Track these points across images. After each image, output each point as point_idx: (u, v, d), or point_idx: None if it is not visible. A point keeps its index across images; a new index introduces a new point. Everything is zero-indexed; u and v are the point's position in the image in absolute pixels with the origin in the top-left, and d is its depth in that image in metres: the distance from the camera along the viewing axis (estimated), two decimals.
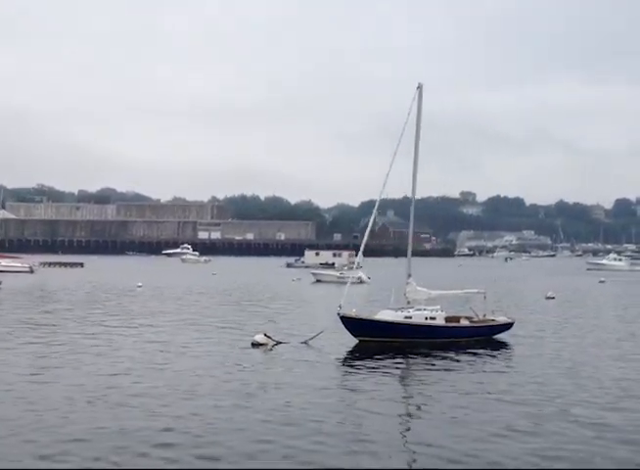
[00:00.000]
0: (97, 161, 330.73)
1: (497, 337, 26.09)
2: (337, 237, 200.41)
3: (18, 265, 73.47)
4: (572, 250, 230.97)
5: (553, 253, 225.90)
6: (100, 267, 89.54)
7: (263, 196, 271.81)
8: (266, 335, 23.68)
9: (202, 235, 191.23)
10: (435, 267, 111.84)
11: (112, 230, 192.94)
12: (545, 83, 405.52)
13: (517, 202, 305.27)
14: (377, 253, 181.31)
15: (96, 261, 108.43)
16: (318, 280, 63.43)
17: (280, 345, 23.38)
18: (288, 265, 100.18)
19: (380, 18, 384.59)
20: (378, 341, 24.08)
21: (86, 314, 32.38)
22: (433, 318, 24.94)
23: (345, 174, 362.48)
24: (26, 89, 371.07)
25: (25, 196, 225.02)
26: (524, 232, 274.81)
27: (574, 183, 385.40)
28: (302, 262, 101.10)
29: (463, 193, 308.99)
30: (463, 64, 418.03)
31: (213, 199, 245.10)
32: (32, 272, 71.84)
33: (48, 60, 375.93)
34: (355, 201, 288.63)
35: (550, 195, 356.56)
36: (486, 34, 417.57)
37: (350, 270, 71.35)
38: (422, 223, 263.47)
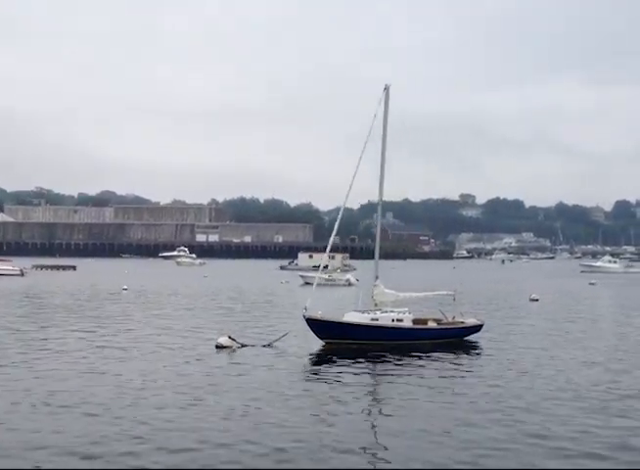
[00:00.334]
0: (97, 163, 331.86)
1: (466, 339, 26.01)
2: (335, 239, 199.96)
3: (8, 269, 73.33)
4: (572, 252, 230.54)
5: (552, 255, 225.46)
6: (93, 270, 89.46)
7: (263, 198, 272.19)
8: (230, 337, 23.59)
9: (199, 238, 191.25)
10: (428, 269, 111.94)
11: (109, 233, 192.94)
12: (545, 84, 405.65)
13: (516, 204, 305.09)
14: (374, 255, 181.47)
15: (90, 264, 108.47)
16: (307, 282, 63.21)
17: (245, 347, 23.29)
18: (281, 268, 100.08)
19: (380, 18, 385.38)
20: (344, 343, 23.99)
21: (58, 317, 32.33)
22: (400, 320, 24.83)
23: (346, 176, 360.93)
24: (26, 91, 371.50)
25: (24, 199, 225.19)
26: (523, 234, 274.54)
27: (574, 185, 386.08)
28: (296, 265, 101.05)
29: (462, 195, 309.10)
30: (463, 64, 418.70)
31: (213, 201, 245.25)
32: (23, 275, 71.86)
33: (48, 60, 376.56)
34: (355, 203, 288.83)
35: (550, 197, 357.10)
36: (486, 34, 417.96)
37: (339, 273, 71.58)
38: (421, 225, 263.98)
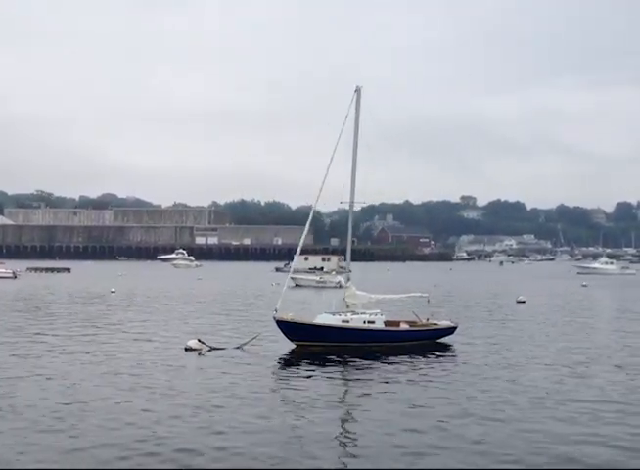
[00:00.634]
0: (98, 166, 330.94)
1: (440, 341, 25.89)
2: (334, 242, 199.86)
3: (1, 271, 73.51)
4: (572, 254, 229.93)
5: (552, 257, 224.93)
6: (87, 273, 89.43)
7: (264, 201, 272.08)
8: (200, 340, 23.51)
9: (199, 240, 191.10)
10: (423, 271, 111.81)
11: (109, 236, 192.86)
12: (546, 85, 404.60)
13: (517, 206, 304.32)
14: (374, 257, 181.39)
15: (87, 267, 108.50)
16: (297, 285, 63.18)
17: (214, 350, 23.20)
18: (277, 270, 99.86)
19: (380, 18, 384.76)
20: (315, 345, 23.91)
21: (35, 320, 32.33)
22: (371, 322, 24.73)
23: (347, 178, 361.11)
24: (27, 93, 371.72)
25: (25, 202, 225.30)
26: (524, 236, 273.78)
27: (576, 187, 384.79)
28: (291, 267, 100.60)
29: (463, 197, 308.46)
30: (463, 64, 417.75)
31: (214, 204, 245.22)
32: (15, 278, 72.01)
33: (48, 61, 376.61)
34: (357, 205, 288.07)
35: (551, 199, 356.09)
36: (486, 34, 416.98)
37: (330, 275, 71.53)
38: (422, 228, 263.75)
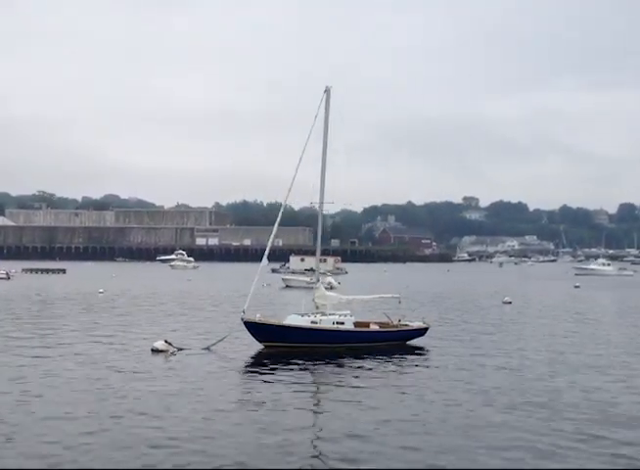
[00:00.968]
0: (101, 167, 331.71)
1: (411, 342, 25.79)
2: (334, 243, 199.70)
3: None
4: (574, 255, 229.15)
5: (554, 258, 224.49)
6: (83, 274, 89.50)
7: (266, 202, 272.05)
8: (167, 341, 23.44)
9: (199, 241, 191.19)
10: (419, 272, 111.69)
11: (109, 237, 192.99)
12: (548, 86, 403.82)
13: (520, 207, 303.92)
14: (374, 258, 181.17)
15: (83, 268, 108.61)
16: (288, 286, 63.07)
17: (181, 351, 23.13)
18: (273, 271, 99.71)
19: (380, 18, 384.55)
20: (283, 346, 23.82)
21: (10, 321, 32.29)
22: (341, 323, 24.63)
23: (350, 179, 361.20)
24: (29, 94, 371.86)
25: (26, 203, 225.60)
26: (526, 237, 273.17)
27: (579, 188, 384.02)
28: (288, 268, 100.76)
29: (466, 198, 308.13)
30: (463, 64, 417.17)
31: (216, 205, 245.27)
32: (9, 279, 72.09)
33: (48, 62, 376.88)
34: (359, 206, 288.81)
35: (554, 200, 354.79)
36: (486, 35, 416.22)
37: (321, 276, 71.26)
38: (424, 229, 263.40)
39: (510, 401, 16.47)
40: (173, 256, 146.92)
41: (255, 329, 24.07)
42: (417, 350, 24.79)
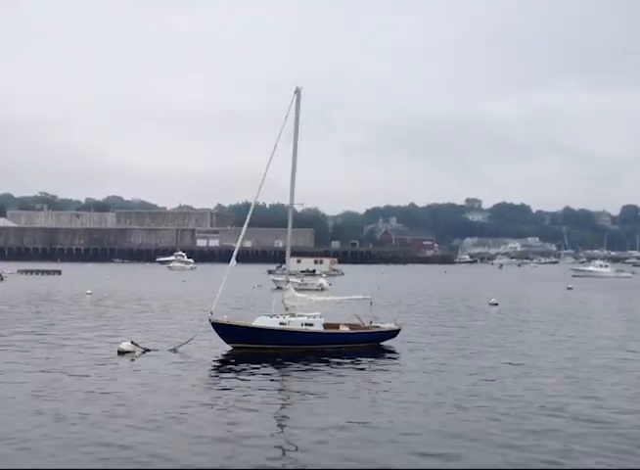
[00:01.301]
0: (99, 166, 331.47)
1: (383, 344, 25.64)
2: (335, 244, 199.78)
3: None
4: (576, 257, 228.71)
5: (556, 259, 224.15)
6: (78, 275, 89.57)
7: (268, 203, 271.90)
8: (133, 342, 23.36)
9: (200, 243, 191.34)
10: (416, 274, 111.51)
11: (110, 238, 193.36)
12: (548, 86, 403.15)
13: (523, 208, 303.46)
14: (375, 260, 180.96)
15: (81, 269, 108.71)
16: (278, 287, 62.82)
17: (148, 352, 23.03)
18: (269, 272, 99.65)
19: (380, 18, 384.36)
20: (252, 347, 23.71)
21: None
22: (310, 325, 24.51)
23: (349, 180, 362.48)
24: (27, 94, 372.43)
25: (29, 204, 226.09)
26: (528, 239, 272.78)
27: (580, 189, 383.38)
28: (284, 269, 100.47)
29: (469, 199, 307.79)
30: (463, 64, 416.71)
31: (218, 207, 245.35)
32: (2, 280, 72.19)
33: (49, 63, 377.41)
34: (361, 208, 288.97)
35: (557, 201, 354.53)
36: (486, 34, 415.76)
37: (312, 277, 71.33)
38: (425, 230, 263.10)
39: (457, 404, 16.33)
40: (173, 257, 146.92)
41: (223, 330, 23.98)
42: (386, 352, 24.61)
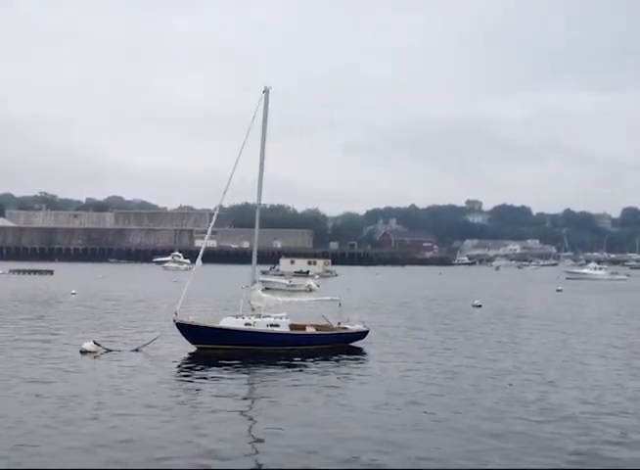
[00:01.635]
0: (98, 166, 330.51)
1: (351, 345, 25.46)
2: (333, 245, 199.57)
3: None
4: (575, 259, 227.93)
5: (555, 262, 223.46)
6: (71, 275, 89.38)
7: (269, 204, 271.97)
8: (95, 342, 23.21)
9: (198, 243, 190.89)
10: (413, 275, 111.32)
11: (108, 238, 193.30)
12: (548, 86, 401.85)
13: (523, 210, 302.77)
14: (373, 261, 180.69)
15: (73, 269, 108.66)
16: (267, 288, 62.66)
17: (110, 352, 22.88)
18: (263, 273, 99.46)
19: (380, 18, 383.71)
20: (217, 348, 23.55)
21: None
22: (275, 325, 24.35)
23: (353, 181, 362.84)
24: (27, 94, 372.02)
25: (28, 204, 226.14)
26: (528, 241, 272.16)
27: (583, 192, 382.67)
28: (277, 270, 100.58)
29: (469, 201, 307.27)
30: (463, 64, 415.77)
31: (219, 207, 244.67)
32: None
33: (49, 63, 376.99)
34: (362, 209, 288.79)
35: (558, 203, 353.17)
36: (486, 34, 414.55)
37: (300, 278, 71.19)
38: (425, 232, 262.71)
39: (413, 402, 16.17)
40: (169, 257, 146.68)
41: (187, 331, 23.82)
42: (352, 353, 24.44)
